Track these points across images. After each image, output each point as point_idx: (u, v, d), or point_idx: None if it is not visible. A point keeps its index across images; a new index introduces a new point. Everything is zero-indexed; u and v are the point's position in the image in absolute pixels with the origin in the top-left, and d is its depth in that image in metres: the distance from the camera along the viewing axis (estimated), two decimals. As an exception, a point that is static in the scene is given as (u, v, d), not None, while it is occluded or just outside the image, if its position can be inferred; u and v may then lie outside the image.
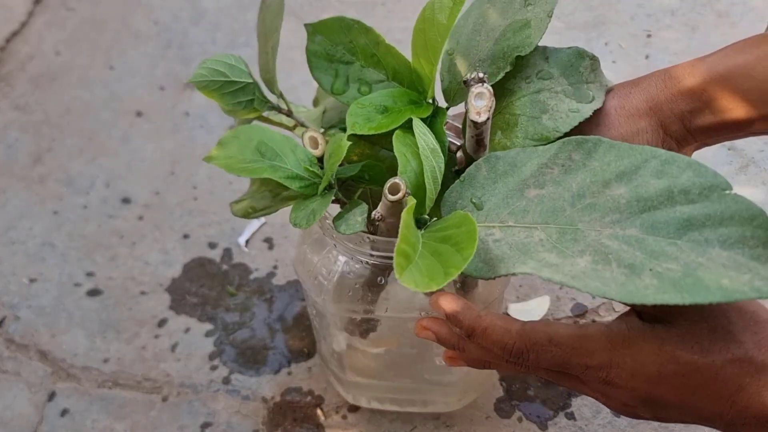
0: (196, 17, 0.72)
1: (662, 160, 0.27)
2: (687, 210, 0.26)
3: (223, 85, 0.35)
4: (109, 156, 0.60)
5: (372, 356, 0.42)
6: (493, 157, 0.31)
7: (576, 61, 0.33)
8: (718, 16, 0.72)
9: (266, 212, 0.35)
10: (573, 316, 0.51)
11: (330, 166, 0.32)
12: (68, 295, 0.52)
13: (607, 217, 0.27)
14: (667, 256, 0.25)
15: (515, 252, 0.28)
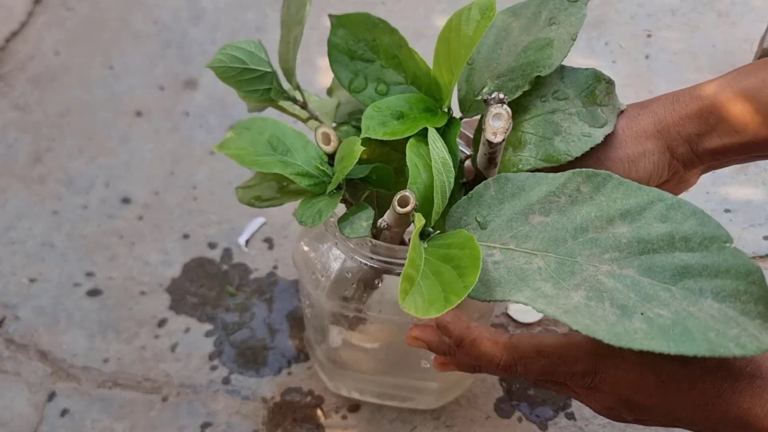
0: (196, 17, 0.72)
1: (668, 204, 0.28)
2: (686, 257, 0.27)
3: (241, 72, 0.35)
4: (108, 156, 0.60)
5: (362, 350, 0.42)
6: (503, 178, 0.31)
7: (592, 83, 0.34)
8: (719, 16, 0.72)
9: (271, 204, 0.35)
10: (573, 316, 0.51)
11: (341, 168, 0.32)
12: (68, 295, 0.52)
13: (607, 254, 0.28)
14: (660, 302, 0.26)
15: (513, 277, 0.28)
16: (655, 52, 0.69)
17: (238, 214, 0.56)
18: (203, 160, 0.60)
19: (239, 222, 0.56)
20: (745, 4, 0.73)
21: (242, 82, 0.35)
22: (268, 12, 0.72)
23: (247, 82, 0.35)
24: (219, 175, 0.59)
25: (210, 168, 0.59)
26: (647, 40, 0.70)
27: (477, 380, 0.47)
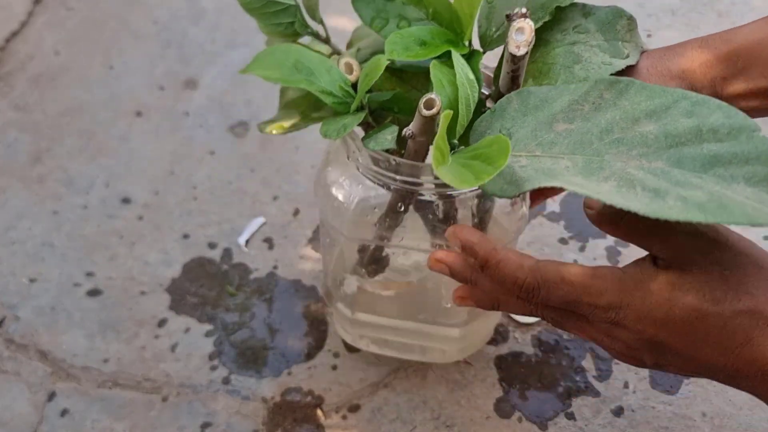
0: (196, 17, 0.72)
1: (693, 101, 0.28)
2: (714, 148, 0.27)
3: (266, 4, 0.35)
4: (108, 156, 0.60)
5: (381, 296, 0.42)
6: (525, 92, 0.32)
7: (614, 19, 0.34)
8: (719, 16, 0.72)
9: (294, 129, 0.36)
10: (573, 316, 0.51)
11: (365, 84, 0.33)
12: (68, 295, 0.52)
13: (634, 150, 0.28)
14: (692, 186, 0.26)
15: (541, 174, 0.28)
16: (655, 52, 0.69)
17: (238, 214, 0.56)
18: (203, 160, 0.60)
19: (239, 222, 0.56)
20: (745, 3, 0.73)
21: (267, 15, 0.36)
22: (268, 12, 0.72)
23: (272, 15, 0.36)
24: (219, 175, 0.59)
25: (210, 168, 0.59)
26: (648, 41, 0.70)
27: (476, 380, 0.47)
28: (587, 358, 0.49)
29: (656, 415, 0.46)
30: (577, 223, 0.56)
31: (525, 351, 0.49)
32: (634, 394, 0.47)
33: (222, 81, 0.66)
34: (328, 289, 0.46)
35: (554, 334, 0.50)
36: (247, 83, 0.66)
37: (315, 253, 0.54)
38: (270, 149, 0.61)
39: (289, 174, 0.59)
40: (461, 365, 0.48)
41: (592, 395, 0.47)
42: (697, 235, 0.29)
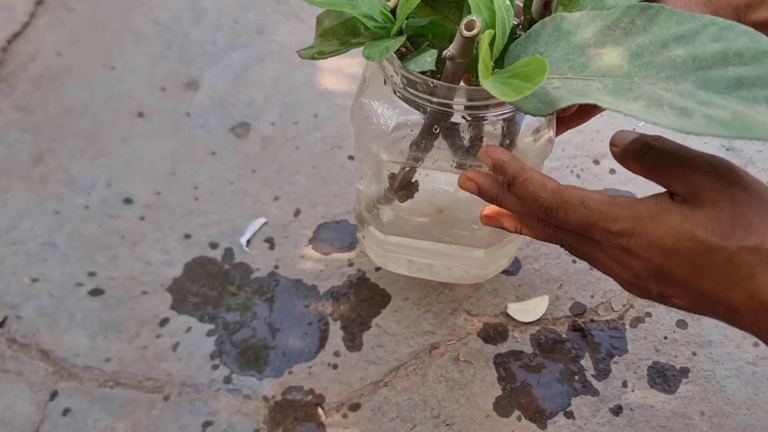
0: (197, 17, 0.72)
1: (720, 26, 0.29)
2: (739, 71, 0.28)
3: None
4: (110, 156, 0.61)
5: (412, 221, 0.44)
6: (558, 17, 0.33)
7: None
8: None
9: (334, 54, 0.37)
10: (572, 315, 0.51)
11: (405, 8, 0.34)
12: (70, 295, 0.52)
13: (663, 73, 0.29)
14: (717, 106, 0.27)
15: (573, 94, 0.30)
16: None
17: (239, 215, 0.57)
18: (204, 160, 0.60)
19: (240, 222, 0.56)
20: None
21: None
22: (269, 12, 0.73)
23: None
24: (220, 175, 0.59)
25: (211, 168, 0.60)
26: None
27: (476, 379, 0.48)
28: (586, 357, 0.49)
29: (655, 414, 0.46)
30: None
31: (524, 350, 0.49)
32: (633, 393, 0.47)
33: (223, 82, 0.66)
34: (360, 214, 0.48)
35: (553, 333, 0.50)
36: (247, 84, 0.66)
37: (316, 253, 0.54)
38: (271, 149, 0.61)
39: (290, 174, 0.59)
40: (461, 364, 0.48)
41: (591, 394, 0.47)
42: (716, 174, 0.30)
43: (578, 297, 0.52)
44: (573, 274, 0.53)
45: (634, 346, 0.49)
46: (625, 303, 0.52)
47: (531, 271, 0.53)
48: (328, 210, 0.57)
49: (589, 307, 0.51)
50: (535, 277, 0.53)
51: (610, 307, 0.52)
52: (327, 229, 0.56)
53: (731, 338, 0.50)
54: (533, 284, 0.53)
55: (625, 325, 0.50)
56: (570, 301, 0.52)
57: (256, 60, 0.68)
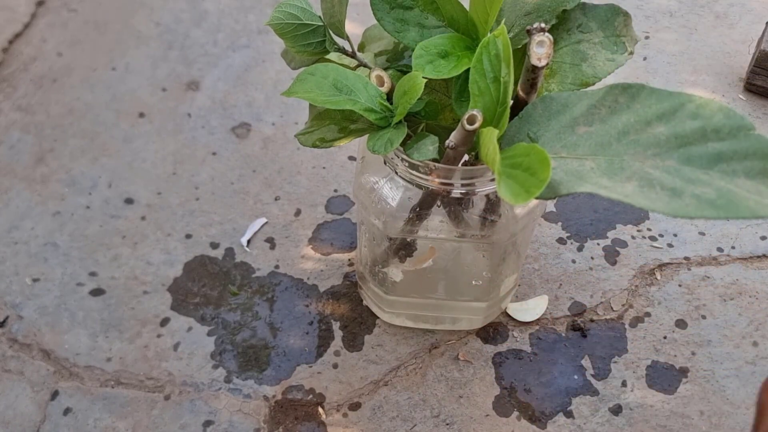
0: (198, 18, 0.73)
1: (697, 104, 0.31)
2: (718, 146, 0.30)
3: (296, 27, 0.39)
4: (111, 157, 0.61)
5: (417, 276, 0.46)
6: (548, 98, 0.35)
7: (612, 16, 0.38)
8: (716, 18, 0.73)
9: (335, 143, 0.39)
10: (571, 315, 0.51)
11: (405, 101, 0.36)
12: (71, 295, 0.52)
13: (649, 151, 0.31)
14: (702, 183, 0.29)
15: (571, 177, 0.31)
16: (653, 53, 0.69)
17: (240, 215, 0.57)
18: (205, 160, 0.60)
19: (241, 222, 0.56)
20: (742, 6, 0.74)
21: (297, 37, 0.39)
22: (269, 13, 0.73)
23: (302, 36, 0.39)
24: (221, 175, 0.59)
25: (212, 169, 0.60)
26: (645, 42, 0.70)
27: (476, 378, 0.48)
28: (585, 357, 0.49)
29: (654, 414, 0.46)
30: (575, 223, 0.56)
31: (524, 349, 0.49)
32: (632, 392, 0.47)
33: (224, 83, 0.67)
34: (362, 273, 0.49)
35: (553, 333, 0.50)
36: (248, 85, 0.66)
37: (315, 253, 0.54)
38: (271, 150, 0.61)
39: (290, 174, 0.59)
40: (461, 363, 0.49)
41: (591, 394, 0.47)
42: None
43: (578, 296, 0.52)
44: (572, 274, 0.53)
45: (633, 346, 0.49)
46: (625, 303, 0.52)
47: (530, 271, 0.53)
48: (329, 210, 0.57)
49: (588, 306, 0.52)
50: (534, 276, 0.53)
51: (609, 306, 0.52)
52: (327, 229, 0.56)
53: (730, 338, 0.50)
54: (532, 284, 0.53)
55: (624, 324, 0.51)
56: (569, 301, 0.52)
57: (257, 60, 0.68)
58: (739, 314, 0.51)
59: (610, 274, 0.53)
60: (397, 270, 0.46)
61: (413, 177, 0.39)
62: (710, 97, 0.65)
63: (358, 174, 0.43)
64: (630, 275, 0.53)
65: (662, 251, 0.55)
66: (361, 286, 0.50)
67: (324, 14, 0.41)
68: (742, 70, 0.68)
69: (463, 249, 0.44)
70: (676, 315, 0.51)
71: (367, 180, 0.42)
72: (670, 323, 0.51)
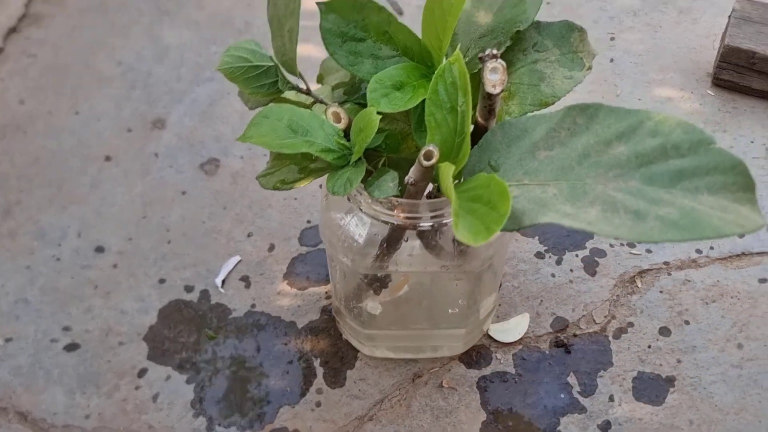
0: (160, 55, 0.72)
1: (656, 121, 0.31)
2: (679, 163, 0.29)
3: (247, 69, 0.38)
4: (79, 204, 0.60)
5: (390, 309, 0.45)
6: (506, 124, 0.34)
7: (566, 33, 0.37)
8: (680, 13, 0.73)
9: (297, 185, 0.38)
10: (554, 331, 0.51)
11: (362, 139, 0.35)
12: (45, 352, 0.51)
13: (611, 172, 0.30)
14: (665, 203, 0.29)
15: (534, 205, 0.31)
16: (619, 54, 0.69)
17: (213, 254, 0.56)
18: (175, 201, 0.60)
19: (215, 262, 0.55)
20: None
21: (249, 79, 0.38)
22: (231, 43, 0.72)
23: (254, 78, 0.38)
24: (191, 215, 0.58)
25: (182, 209, 0.59)
26: (611, 44, 0.70)
27: (461, 405, 0.47)
28: (570, 374, 0.48)
29: (643, 428, 0.46)
30: (552, 237, 0.56)
31: (508, 371, 0.49)
32: (620, 407, 0.47)
33: (190, 118, 0.66)
34: (338, 308, 0.48)
35: (536, 352, 0.50)
36: (214, 119, 0.66)
37: (291, 288, 0.54)
38: (241, 184, 0.60)
39: (261, 209, 0.59)
40: (445, 391, 0.48)
41: (578, 411, 0.47)
42: None
43: (559, 311, 0.51)
44: (552, 289, 0.53)
45: (618, 358, 0.49)
46: (607, 314, 0.51)
47: (510, 289, 0.53)
48: (303, 242, 0.56)
49: (570, 321, 0.51)
50: (514, 294, 0.53)
51: (591, 319, 0.51)
52: (302, 263, 0.55)
53: (715, 342, 0.49)
54: (513, 302, 0.52)
55: (608, 336, 0.50)
56: (551, 317, 0.51)
57: (222, 93, 0.68)
58: (722, 316, 0.51)
59: (591, 285, 0.53)
60: (374, 303, 0.46)
61: (378, 213, 0.38)
62: (679, 94, 0.65)
63: (323, 211, 0.43)
64: (611, 285, 0.53)
65: (641, 258, 0.54)
66: (338, 321, 0.50)
67: (275, 52, 0.40)
68: (709, 65, 0.67)
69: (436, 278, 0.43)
70: (659, 322, 0.51)
71: (333, 217, 0.42)
72: (654, 331, 0.50)
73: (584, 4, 0.74)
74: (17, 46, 0.73)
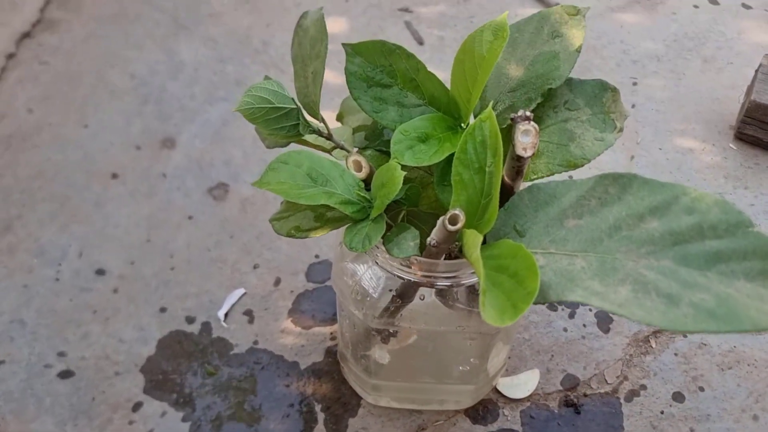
0: (174, 70, 0.70)
1: (692, 197, 0.29)
2: (715, 244, 0.28)
3: (267, 111, 0.36)
4: (82, 223, 0.58)
5: (398, 361, 0.44)
6: (534, 188, 0.33)
7: (599, 92, 0.36)
8: (704, 62, 0.72)
9: (313, 234, 0.36)
10: (564, 389, 0.49)
11: (384, 194, 0.34)
12: (38, 378, 0.49)
13: (643, 248, 0.29)
14: (700, 287, 0.27)
15: (561, 279, 0.29)
16: (641, 100, 0.68)
17: (217, 285, 0.54)
18: (181, 225, 0.58)
19: (218, 293, 0.54)
20: (730, 49, 0.73)
21: (269, 121, 0.37)
22: (248, 63, 0.71)
23: (274, 121, 0.37)
24: (197, 242, 0.57)
25: (188, 234, 0.57)
26: (633, 89, 0.69)
27: (466, 464, 0.45)
28: (580, 436, 0.47)
29: (653, 499, 0.44)
30: (567, 289, 0.54)
31: (515, 429, 0.47)
32: (630, 475, 0.45)
33: (201, 139, 0.64)
34: (343, 354, 0.47)
35: (545, 410, 0.48)
36: (225, 141, 0.64)
37: (296, 326, 0.52)
38: (250, 213, 0.59)
39: (270, 240, 0.57)
40: (450, 447, 0.46)
41: (586, 477, 0.45)
42: None
43: (570, 368, 0.50)
44: (564, 344, 0.51)
45: (629, 423, 0.47)
46: (619, 374, 0.50)
47: (521, 342, 0.51)
48: (310, 278, 0.55)
49: (581, 379, 0.49)
50: (525, 347, 0.51)
51: (603, 379, 0.50)
52: (308, 300, 0.53)
53: (730, 412, 0.48)
54: (523, 356, 0.50)
55: (619, 399, 0.48)
56: (562, 374, 0.50)
57: (235, 115, 0.66)
58: (737, 385, 0.49)
59: (604, 342, 0.51)
60: (382, 352, 0.44)
61: (394, 268, 0.36)
62: (701, 146, 0.64)
63: (337, 260, 0.41)
64: (624, 344, 0.51)
65: (656, 316, 0.53)
66: (343, 366, 0.48)
67: (298, 93, 0.39)
68: (732, 117, 0.66)
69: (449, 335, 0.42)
70: (673, 387, 0.49)
71: (347, 268, 0.40)
72: (667, 396, 0.49)
73: (607, 46, 0.73)
74: (30, 51, 0.72)
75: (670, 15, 0.76)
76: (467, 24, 0.72)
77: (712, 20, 0.75)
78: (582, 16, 0.37)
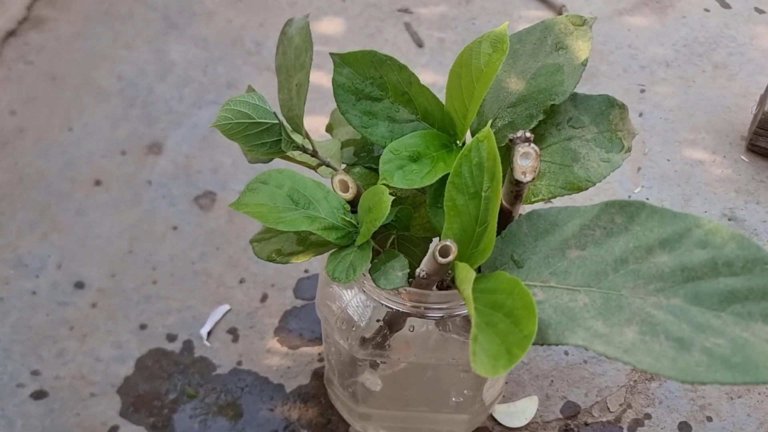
0: (163, 71, 0.68)
1: (706, 230, 0.27)
2: (730, 282, 0.26)
3: (247, 126, 0.33)
4: (62, 232, 0.56)
5: (388, 389, 0.41)
6: (534, 215, 0.30)
7: (606, 109, 0.34)
8: (715, 68, 0.69)
9: (294, 259, 0.34)
10: (564, 418, 0.47)
11: (371, 220, 0.31)
12: (10, 399, 0.47)
13: (651, 285, 0.27)
14: (714, 330, 0.25)
15: (561, 317, 0.27)
16: (648, 109, 0.65)
17: (200, 300, 0.52)
18: (165, 236, 0.55)
19: (202, 309, 0.51)
20: (741, 55, 0.70)
21: (249, 137, 0.34)
22: (240, 65, 0.68)
23: (254, 136, 0.34)
24: (181, 254, 0.54)
25: (172, 246, 0.55)
26: (641, 96, 0.66)
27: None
28: (580, 469, 0.44)
29: None
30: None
31: (512, 460, 0.45)
32: None
33: (188, 145, 0.62)
34: (330, 379, 0.44)
35: (544, 440, 0.45)
36: (213, 147, 0.62)
37: (282, 346, 0.50)
38: (237, 223, 0.56)
39: (257, 252, 0.54)
40: (442, 478, 0.44)
41: None
42: None
43: (570, 395, 0.47)
44: (564, 369, 0.49)
45: (632, 455, 0.45)
46: (622, 402, 0.47)
47: (519, 366, 0.49)
48: (298, 294, 0.52)
49: (582, 407, 0.47)
50: (523, 372, 0.48)
51: (605, 407, 0.47)
52: (295, 318, 0.51)
53: (739, 444, 0.45)
54: (521, 381, 0.48)
55: (623, 428, 0.46)
56: (562, 401, 0.47)
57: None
58: (747, 415, 0.46)
59: (607, 368, 0.49)
60: (374, 378, 0.41)
61: (382, 297, 0.34)
62: (711, 158, 0.61)
63: (322, 284, 0.38)
64: (628, 369, 0.49)
65: (662, 339, 0.50)
66: (330, 392, 0.46)
67: (281, 106, 0.36)
68: (744, 127, 0.63)
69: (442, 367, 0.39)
70: (678, 416, 0.46)
71: (332, 293, 0.38)
72: (673, 426, 0.46)
73: (615, 51, 0.70)
74: (15, 51, 0.69)
75: (680, 19, 0.73)
76: (469, 26, 0.70)
77: (724, 24, 0.72)
78: (588, 27, 0.34)
